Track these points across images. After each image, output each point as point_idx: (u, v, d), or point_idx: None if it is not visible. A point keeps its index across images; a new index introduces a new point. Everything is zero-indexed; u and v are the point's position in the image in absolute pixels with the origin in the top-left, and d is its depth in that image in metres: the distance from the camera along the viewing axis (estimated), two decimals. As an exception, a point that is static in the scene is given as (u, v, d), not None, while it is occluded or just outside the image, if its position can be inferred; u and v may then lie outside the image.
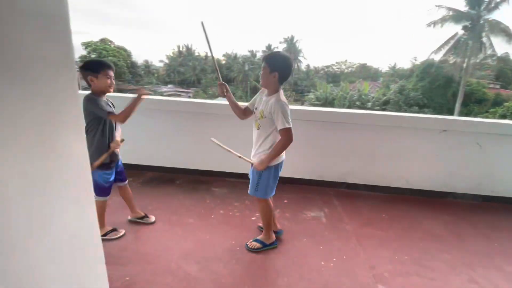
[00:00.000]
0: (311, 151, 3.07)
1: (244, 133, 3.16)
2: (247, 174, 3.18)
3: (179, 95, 32.18)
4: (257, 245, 2.04)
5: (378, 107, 19.42)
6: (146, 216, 2.32)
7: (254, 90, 34.10)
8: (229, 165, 3.21)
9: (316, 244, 2.16)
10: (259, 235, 2.14)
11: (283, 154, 1.93)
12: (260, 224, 2.26)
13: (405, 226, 2.49)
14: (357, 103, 19.88)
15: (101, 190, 1.98)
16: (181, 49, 40.65)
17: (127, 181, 2.25)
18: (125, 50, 30.77)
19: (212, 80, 36.50)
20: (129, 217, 2.32)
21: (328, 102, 21.03)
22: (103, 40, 30.26)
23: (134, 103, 1.85)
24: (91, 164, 1.79)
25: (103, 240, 2.01)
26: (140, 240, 2.08)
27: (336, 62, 45.85)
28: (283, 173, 3.16)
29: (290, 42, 40.08)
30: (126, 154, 3.36)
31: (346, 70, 44.36)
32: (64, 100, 0.70)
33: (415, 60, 31.56)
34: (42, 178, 0.66)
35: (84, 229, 0.81)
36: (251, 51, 40.19)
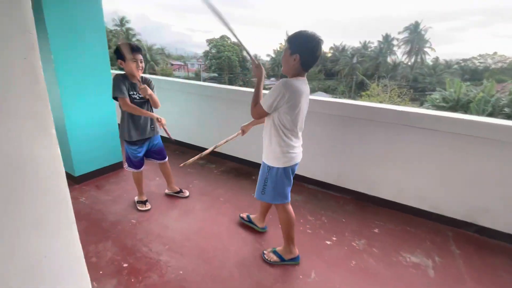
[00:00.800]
0: (423, 171, 2.26)
1: (333, 133, 2.66)
2: (332, 184, 2.71)
3: (280, 88, 33.05)
4: (274, 257, 1.76)
5: (543, 118, 13.75)
6: (181, 191, 2.51)
7: (361, 85, 30.90)
8: (312, 170, 2.80)
9: (412, 305, 1.53)
10: (334, 266, 1.71)
11: (295, 155, 1.61)
12: (244, 215, 2.13)
13: None
14: (506, 110, 14.72)
15: (130, 162, 2.21)
16: (288, 42, 41.20)
17: (166, 159, 2.38)
18: (238, 45, 33.83)
19: (314, 73, 35.48)
20: (166, 191, 2.54)
21: (460, 105, 16.52)
22: (222, 37, 34.27)
23: (146, 113, 2.02)
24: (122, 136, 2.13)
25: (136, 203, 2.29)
26: (203, 234, 2.03)
27: (480, 55, 35.57)
28: (380, 193, 2.52)
29: (414, 31, 33.77)
30: (212, 143, 3.51)
31: (493, 66, 33.77)
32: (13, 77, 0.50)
33: None
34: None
35: (55, 258, 0.62)
36: (364, 43, 36.42)
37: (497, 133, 1.97)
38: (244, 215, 2.16)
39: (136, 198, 2.37)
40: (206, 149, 3.59)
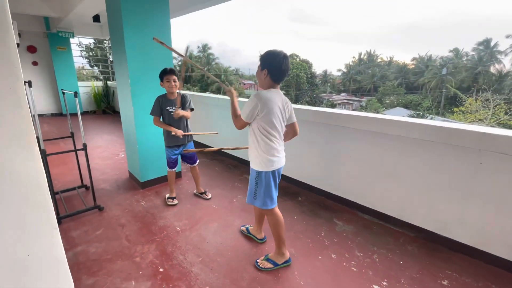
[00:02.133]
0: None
1: (386, 158, 2.30)
2: (392, 216, 2.31)
3: (350, 104, 31.26)
4: (268, 264, 1.82)
5: None
6: (204, 192, 2.83)
7: (452, 100, 26.34)
8: (369, 197, 2.47)
9: None
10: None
11: (278, 159, 1.70)
12: (244, 228, 2.24)
13: None
14: None
15: (167, 163, 2.67)
16: (362, 56, 39.08)
17: (195, 164, 2.77)
18: (307, 62, 33.93)
19: (392, 87, 32.21)
20: (194, 191, 2.90)
21: None
22: (291, 55, 35.04)
23: (166, 127, 2.45)
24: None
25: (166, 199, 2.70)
26: (236, 252, 2.00)
27: None
28: (454, 234, 1.99)
29: (532, 33, 27.03)
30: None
31: None
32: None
33: None
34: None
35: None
36: (455, 50, 31.35)
37: None
38: (244, 228, 2.24)
39: (167, 195, 2.78)
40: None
